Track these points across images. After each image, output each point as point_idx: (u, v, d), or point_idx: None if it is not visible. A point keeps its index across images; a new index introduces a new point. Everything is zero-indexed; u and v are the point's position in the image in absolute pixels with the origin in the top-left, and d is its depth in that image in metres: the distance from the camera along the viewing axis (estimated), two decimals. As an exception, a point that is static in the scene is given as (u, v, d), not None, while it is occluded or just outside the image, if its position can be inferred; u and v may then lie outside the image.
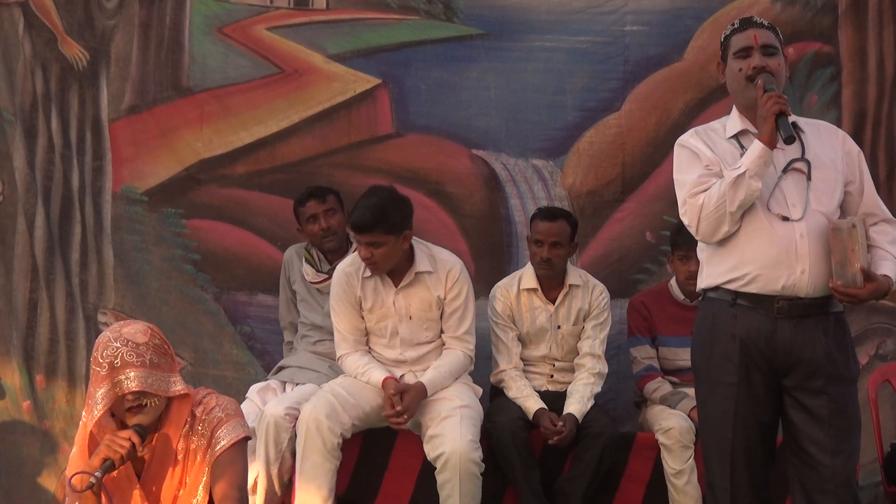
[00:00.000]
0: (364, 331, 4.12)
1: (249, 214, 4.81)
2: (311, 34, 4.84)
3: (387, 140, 4.84)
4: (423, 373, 4.05)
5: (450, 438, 3.80)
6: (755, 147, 3.07)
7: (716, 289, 3.18)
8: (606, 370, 4.28)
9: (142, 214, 4.77)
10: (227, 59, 4.81)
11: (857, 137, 4.29)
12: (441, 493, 3.82)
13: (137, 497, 2.89)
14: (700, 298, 3.30)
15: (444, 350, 4.12)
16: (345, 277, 4.08)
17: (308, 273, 4.46)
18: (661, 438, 4.03)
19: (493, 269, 4.70)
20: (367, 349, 4.14)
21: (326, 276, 4.36)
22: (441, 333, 4.13)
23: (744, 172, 3.04)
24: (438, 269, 4.08)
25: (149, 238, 4.77)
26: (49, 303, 4.68)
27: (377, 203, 3.95)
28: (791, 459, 3.14)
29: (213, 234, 4.80)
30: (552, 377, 4.31)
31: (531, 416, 4.09)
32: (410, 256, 4.08)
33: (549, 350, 4.31)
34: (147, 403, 2.83)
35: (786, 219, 3.09)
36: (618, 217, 4.80)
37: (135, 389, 2.80)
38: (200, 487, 2.89)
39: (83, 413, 2.92)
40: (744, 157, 3.09)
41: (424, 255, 4.09)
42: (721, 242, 3.15)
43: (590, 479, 3.97)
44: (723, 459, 3.14)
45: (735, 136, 3.23)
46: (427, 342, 4.12)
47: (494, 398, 4.29)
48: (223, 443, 2.90)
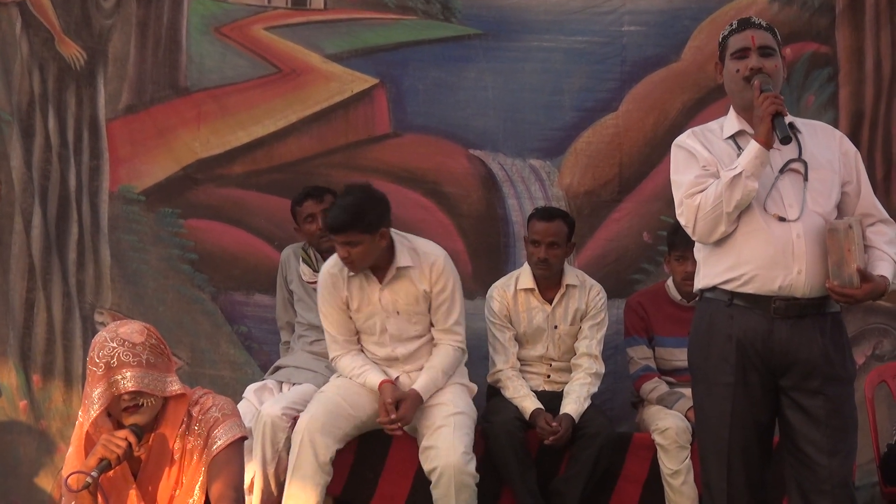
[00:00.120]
0: (354, 331, 4.11)
1: (247, 214, 4.81)
2: (309, 34, 4.84)
3: (384, 140, 4.84)
4: (417, 374, 4.04)
5: (444, 452, 3.80)
6: (752, 147, 3.06)
7: (712, 289, 3.18)
8: (603, 370, 4.28)
9: (139, 214, 4.78)
10: (225, 59, 4.81)
11: (854, 138, 4.28)
12: None
13: (134, 497, 2.89)
14: (697, 299, 3.30)
15: (435, 348, 4.10)
16: (330, 279, 4.06)
17: (305, 273, 4.46)
18: (658, 438, 4.03)
19: (491, 269, 4.70)
20: (360, 349, 4.13)
21: (324, 276, 4.36)
22: (431, 327, 4.12)
23: (740, 173, 3.03)
24: (421, 263, 4.04)
25: (146, 238, 4.77)
26: (46, 302, 4.68)
27: (352, 202, 3.93)
28: (788, 460, 3.13)
29: (211, 234, 4.80)
30: (549, 377, 4.31)
31: (528, 416, 4.08)
32: (392, 252, 4.05)
33: (546, 350, 4.31)
34: (143, 403, 2.83)
35: (782, 219, 3.08)
36: (615, 217, 4.80)
37: (131, 389, 2.80)
38: (197, 487, 2.89)
39: (80, 413, 2.92)
40: (740, 158, 3.08)
41: (405, 250, 4.05)
42: (718, 243, 3.14)
43: (586, 480, 3.97)
44: (719, 459, 3.14)
45: (732, 137, 3.22)
46: (417, 336, 4.10)
47: (491, 398, 4.29)
48: (220, 443, 2.89)
